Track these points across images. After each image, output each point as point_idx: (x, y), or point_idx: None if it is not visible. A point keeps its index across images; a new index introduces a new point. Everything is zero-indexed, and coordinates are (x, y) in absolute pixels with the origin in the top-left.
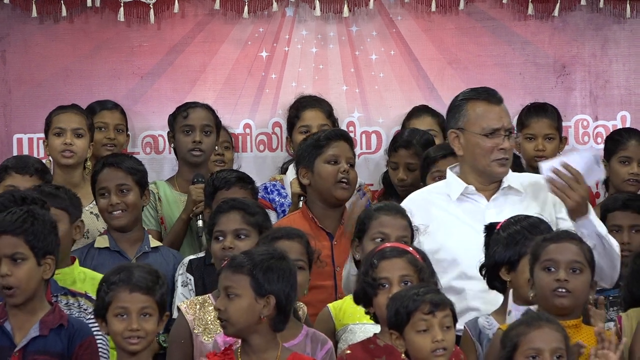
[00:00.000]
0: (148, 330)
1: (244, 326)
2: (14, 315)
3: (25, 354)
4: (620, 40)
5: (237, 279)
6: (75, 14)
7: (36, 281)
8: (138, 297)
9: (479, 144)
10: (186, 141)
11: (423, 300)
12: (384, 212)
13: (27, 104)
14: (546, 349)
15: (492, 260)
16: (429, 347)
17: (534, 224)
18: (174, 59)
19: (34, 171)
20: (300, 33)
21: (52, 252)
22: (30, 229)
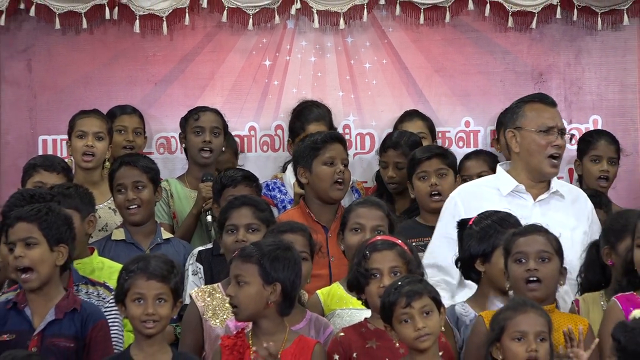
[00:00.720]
0: (162, 315)
1: (253, 311)
2: (33, 301)
3: (43, 337)
4: (592, 50)
5: (246, 267)
6: (94, 26)
7: (49, 266)
8: (154, 284)
9: (535, 141)
10: (197, 141)
11: (400, 294)
12: (361, 205)
13: (51, 108)
14: (531, 331)
15: (468, 253)
16: (412, 335)
17: (503, 217)
18: (185, 67)
19: (60, 169)
20: (300, 43)
21: (64, 241)
22: (44, 218)
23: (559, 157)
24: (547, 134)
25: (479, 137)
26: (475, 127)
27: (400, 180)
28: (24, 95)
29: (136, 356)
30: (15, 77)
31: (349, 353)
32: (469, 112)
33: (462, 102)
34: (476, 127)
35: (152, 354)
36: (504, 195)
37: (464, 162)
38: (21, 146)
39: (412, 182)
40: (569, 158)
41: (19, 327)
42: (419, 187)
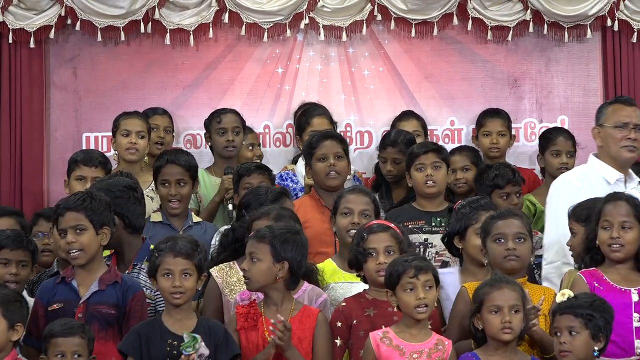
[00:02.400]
0: (188, 288)
1: (263, 284)
2: (79, 275)
3: (88, 305)
4: (560, 60)
5: (260, 247)
6: (131, 39)
7: (96, 247)
8: (180, 261)
9: (612, 135)
10: (221, 141)
11: (410, 266)
12: (350, 192)
13: (94, 110)
14: (505, 305)
15: (447, 232)
16: (413, 303)
17: (475, 201)
18: (209, 74)
19: (98, 163)
20: (308, 54)
21: (107, 224)
22: (89, 206)
23: (634, 149)
24: (622, 129)
25: (462, 134)
26: (459, 126)
27: (397, 173)
28: (70, 99)
29: (167, 322)
30: (63, 82)
31: (350, 320)
32: (454, 113)
33: (448, 105)
34: (460, 126)
35: (180, 320)
36: (611, 184)
37: (450, 156)
38: (68, 143)
39: (411, 173)
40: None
41: (67, 297)
42: (417, 177)
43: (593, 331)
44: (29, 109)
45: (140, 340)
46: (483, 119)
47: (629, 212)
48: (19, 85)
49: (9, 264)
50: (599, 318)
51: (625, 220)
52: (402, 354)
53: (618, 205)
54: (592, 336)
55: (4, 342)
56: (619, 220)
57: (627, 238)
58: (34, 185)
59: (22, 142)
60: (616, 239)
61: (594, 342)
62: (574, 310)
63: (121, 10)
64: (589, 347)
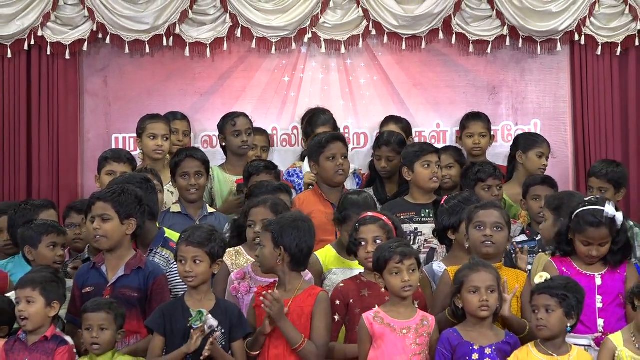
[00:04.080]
0: (198, 272)
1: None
2: (108, 260)
3: (114, 288)
4: (533, 70)
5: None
6: (155, 51)
7: (119, 235)
8: (191, 249)
9: None
10: (237, 141)
11: (395, 252)
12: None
13: (121, 113)
14: (482, 286)
15: (442, 225)
16: (399, 285)
17: (467, 197)
18: (223, 82)
19: (126, 160)
20: (311, 64)
21: (133, 215)
22: (117, 199)
23: None
24: None
25: (447, 135)
26: (444, 128)
27: (390, 169)
28: (101, 104)
29: (188, 301)
30: (95, 89)
31: (347, 299)
32: (440, 116)
33: (434, 109)
34: (445, 128)
35: (199, 300)
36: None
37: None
38: (99, 142)
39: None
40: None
41: (97, 281)
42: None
43: (566, 309)
44: (65, 113)
45: (164, 317)
46: (466, 121)
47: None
48: (55, 92)
49: (56, 247)
50: (572, 298)
51: (603, 241)
52: (393, 330)
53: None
54: (566, 313)
55: (42, 318)
56: (598, 242)
57: (603, 250)
58: (69, 180)
59: (59, 142)
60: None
61: (567, 319)
62: (550, 291)
63: (146, 25)
64: (562, 323)
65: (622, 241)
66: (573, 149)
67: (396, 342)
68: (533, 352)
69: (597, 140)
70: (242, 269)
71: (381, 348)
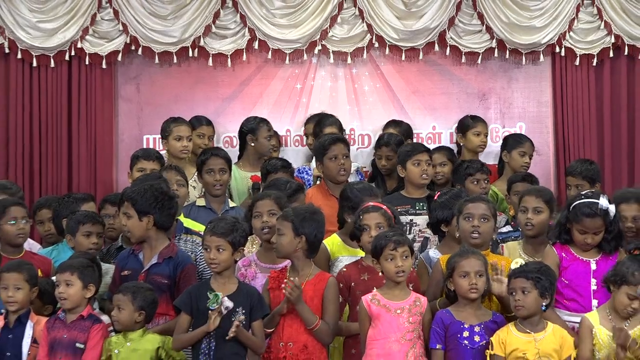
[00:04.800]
0: (221, 259)
1: (285, 253)
2: (144, 249)
3: (147, 274)
4: (519, 78)
5: (284, 223)
6: (182, 61)
7: (140, 230)
8: (214, 238)
9: None
10: (268, 144)
11: (390, 240)
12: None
13: (152, 117)
14: (471, 271)
15: (436, 218)
16: (393, 270)
17: (457, 193)
18: (242, 89)
19: (155, 158)
20: (320, 73)
21: (150, 212)
22: (137, 199)
23: None
24: None
25: (442, 137)
26: (439, 130)
27: (390, 167)
28: (134, 108)
29: (213, 284)
30: (128, 95)
31: (349, 282)
32: (435, 120)
33: (430, 113)
34: (440, 130)
35: (223, 283)
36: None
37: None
38: (131, 142)
39: (406, 167)
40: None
41: (134, 266)
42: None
43: (541, 290)
44: (101, 116)
45: (191, 298)
46: (473, 122)
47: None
48: (93, 97)
49: (90, 236)
50: (545, 280)
51: (597, 230)
52: (388, 311)
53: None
54: (540, 294)
55: (79, 299)
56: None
57: (597, 239)
58: (105, 176)
59: (96, 142)
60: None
61: (541, 299)
62: (526, 274)
63: (174, 38)
64: (537, 302)
65: (614, 230)
66: (554, 148)
67: (391, 321)
68: (513, 331)
69: (575, 141)
70: (247, 256)
71: (378, 327)
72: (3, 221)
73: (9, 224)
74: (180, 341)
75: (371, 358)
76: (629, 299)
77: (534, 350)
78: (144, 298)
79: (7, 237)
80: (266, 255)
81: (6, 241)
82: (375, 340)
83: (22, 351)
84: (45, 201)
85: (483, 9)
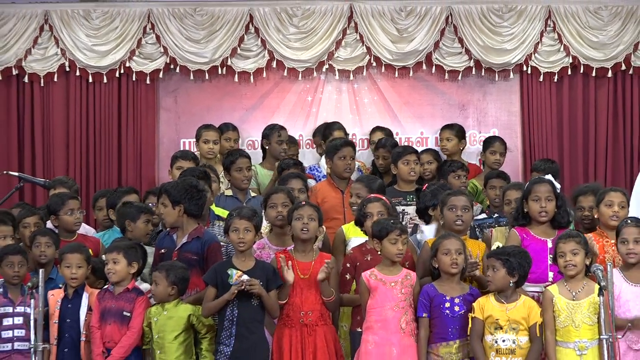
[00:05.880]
0: (247, 240)
1: (311, 237)
2: (177, 231)
3: (179, 252)
4: (493, 92)
5: (313, 220)
6: (212, 77)
7: (172, 217)
8: (243, 221)
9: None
10: (280, 148)
11: (396, 227)
12: (356, 182)
13: (187, 124)
14: (452, 249)
15: (424, 204)
16: (394, 252)
17: (443, 185)
18: (263, 101)
19: (191, 158)
20: (327, 88)
21: (182, 202)
22: (170, 191)
23: None
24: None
25: (428, 141)
26: (426, 135)
27: (386, 165)
28: (172, 117)
29: (235, 262)
30: (168, 106)
31: (355, 262)
32: (423, 126)
33: (419, 121)
34: (427, 135)
35: (243, 260)
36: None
37: (420, 154)
38: (170, 145)
39: (397, 166)
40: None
41: (169, 245)
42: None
43: (508, 269)
44: (145, 123)
45: (216, 273)
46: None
47: (549, 189)
48: (138, 108)
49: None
50: (514, 261)
51: (548, 195)
52: (384, 284)
53: (543, 185)
54: (508, 272)
55: (125, 274)
56: (545, 195)
57: (549, 207)
58: (148, 173)
59: (141, 145)
60: (543, 207)
61: (509, 277)
62: (497, 255)
63: (205, 59)
64: (505, 279)
65: (563, 204)
66: (522, 150)
67: (386, 292)
68: (491, 300)
69: (539, 144)
70: (261, 240)
71: (376, 297)
72: (62, 212)
73: (67, 214)
74: (208, 309)
75: (371, 323)
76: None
77: (505, 317)
78: (176, 275)
79: (65, 225)
80: (278, 239)
81: (65, 229)
82: (373, 308)
83: (79, 318)
84: (102, 193)
85: (463, 34)
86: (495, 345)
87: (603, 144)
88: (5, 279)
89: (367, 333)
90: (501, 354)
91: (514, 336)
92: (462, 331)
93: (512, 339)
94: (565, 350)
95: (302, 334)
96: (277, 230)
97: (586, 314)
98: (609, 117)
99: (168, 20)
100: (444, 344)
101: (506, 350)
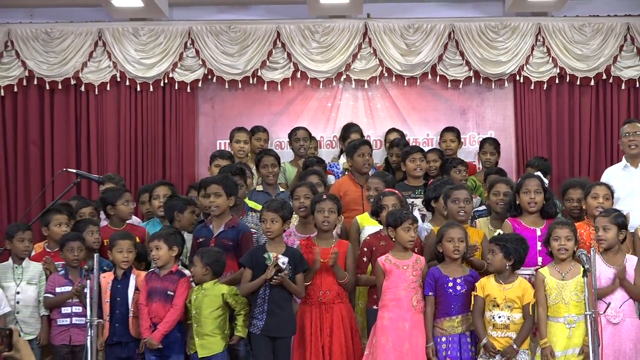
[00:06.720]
0: (274, 229)
1: (331, 227)
2: (215, 221)
3: (217, 239)
4: (490, 98)
5: (333, 211)
6: (245, 86)
7: (225, 206)
8: (270, 213)
9: (622, 141)
10: (298, 147)
11: (409, 216)
12: (373, 177)
13: (223, 127)
14: (455, 237)
15: (428, 197)
16: (407, 239)
17: (445, 180)
18: (289, 107)
19: (227, 157)
20: (345, 95)
21: (234, 194)
22: (225, 182)
23: (635, 147)
24: (627, 137)
25: (433, 141)
26: (431, 137)
27: (398, 162)
28: (210, 121)
29: (267, 247)
30: (206, 111)
31: (371, 247)
32: (428, 129)
33: (425, 124)
34: (431, 137)
35: (275, 246)
36: (621, 169)
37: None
38: (208, 145)
39: (406, 163)
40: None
41: (207, 234)
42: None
43: (505, 253)
44: (187, 126)
45: (252, 257)
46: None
47: (538, 183)
48: (180, 113)
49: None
50: (510, 247)
51: (536, 189)
52: (397, 267)
53: (532, 180)
54: (504, 256)
55: (168, 258)
56: (534, 189)
57: (538, 199)
58: (189, 170)
59: (183, 146)
60: (532, 199)
61: (505, 260)
62: (495, 240)
63: (238, 70)
64: (502, 262)
65: (550, 197)
66: (515, 149)
67: (400, 275)
68: (491, 280)
69: (530, 144)
70: (289, 229)
71: (390, 279)
72: (119, 202)
73: (123, 205)
74: (246, 288)
75: (385, 302)
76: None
77: (502, 296)
78: (209, 257)
79: (121, 214)
80: (303, 227)
81: (120, 217)
82: (388, 289)
83: (128, 296)
84: (145, 188)
85: (463, 48)
86: (493, 320)
87: (587, 144)
88: (67, 262)
89: (383, 310)
90: (497, 328)
91: (508, 313)
92: (463, 307)
93: (507, 316)
94: (556, 325)
95: (321, 311)
96: (301, 219)
97: (574, 292)
98: (591, 120)
99: (206, 36)
100: (447, 319)
101: (501, 326)
